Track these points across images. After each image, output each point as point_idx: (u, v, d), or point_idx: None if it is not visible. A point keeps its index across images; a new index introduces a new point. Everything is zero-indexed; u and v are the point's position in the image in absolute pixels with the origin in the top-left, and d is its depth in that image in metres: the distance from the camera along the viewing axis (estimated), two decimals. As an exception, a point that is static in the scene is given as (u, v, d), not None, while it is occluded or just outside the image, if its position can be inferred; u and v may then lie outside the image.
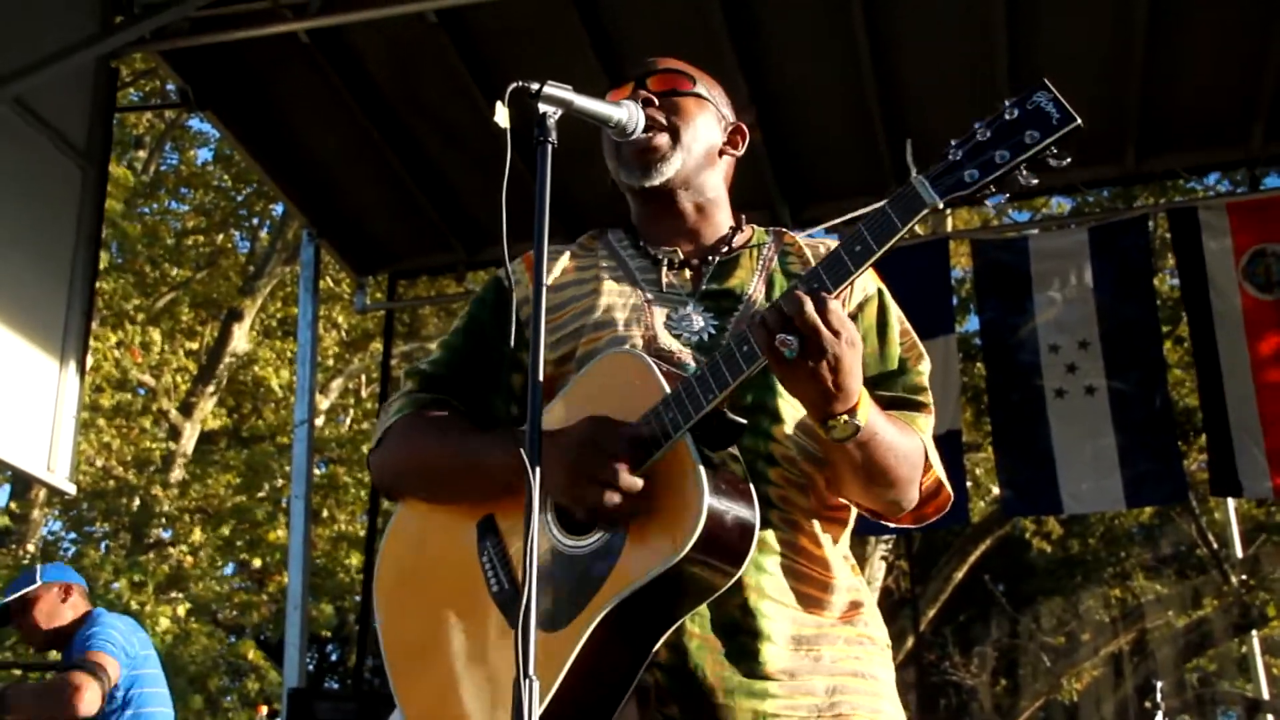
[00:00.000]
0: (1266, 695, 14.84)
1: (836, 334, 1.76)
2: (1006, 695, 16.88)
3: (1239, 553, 15.25)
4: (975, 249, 7.78)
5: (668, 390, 1.89)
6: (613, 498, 1.83)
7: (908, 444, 2.02)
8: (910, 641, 11.58)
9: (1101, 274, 7.13)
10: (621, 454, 1.85)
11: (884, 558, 14.16)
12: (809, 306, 1.75)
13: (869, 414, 1.88)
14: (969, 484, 11.77)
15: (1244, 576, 14.90)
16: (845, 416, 1.84)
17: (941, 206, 1.77)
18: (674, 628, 1.88)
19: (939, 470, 2.12)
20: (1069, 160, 1.74)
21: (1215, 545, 15.62)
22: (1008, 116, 1.75)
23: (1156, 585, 17.42)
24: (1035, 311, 7.23)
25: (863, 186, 1.87)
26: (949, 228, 10.75)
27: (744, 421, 1.91)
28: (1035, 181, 1.75)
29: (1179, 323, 12.68)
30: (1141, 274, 7.35)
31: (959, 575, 15.07)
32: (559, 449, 1.87)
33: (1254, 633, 14.94)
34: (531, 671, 1.61)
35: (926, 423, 2.13)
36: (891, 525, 2.21)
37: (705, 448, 1.86)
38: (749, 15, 6.15)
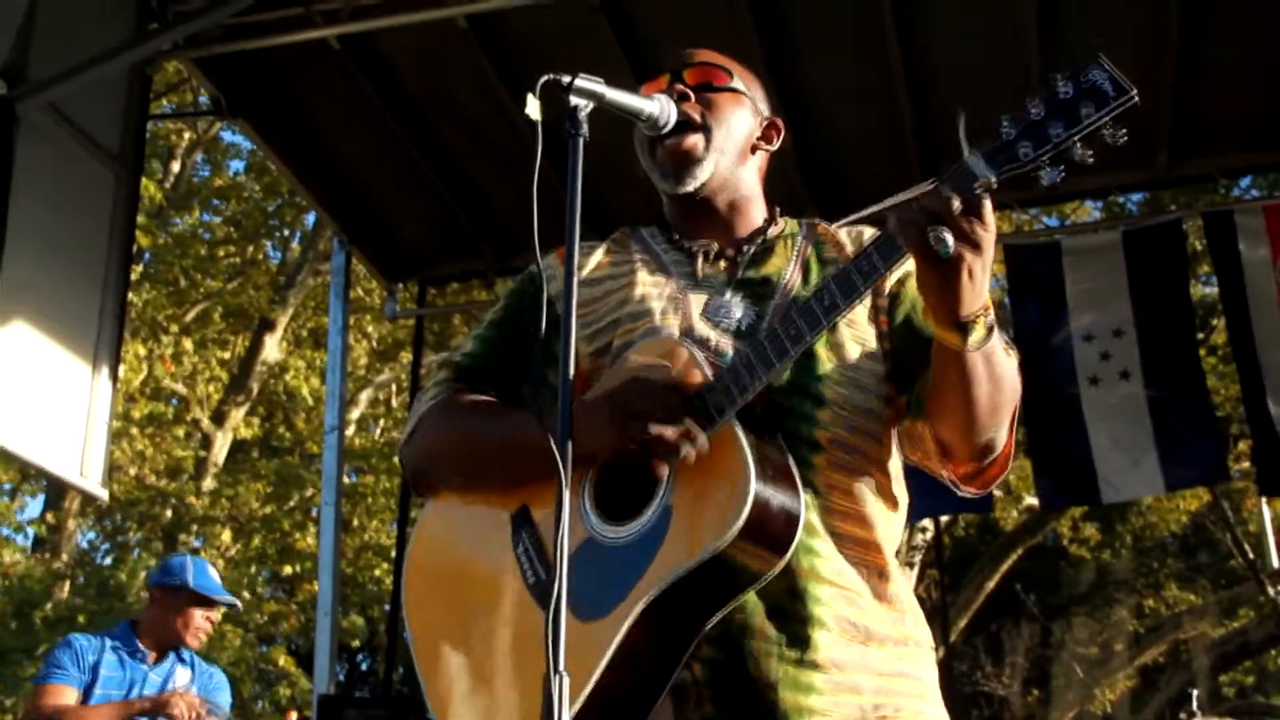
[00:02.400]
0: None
1: (988, 230, 1.72)
2: (1039, 705, 16.76)
3: (1275, 563, 15.12)
4: (1007, 254, 7.73)
5: (709, 373, 1.87)
6: (664, 429, 1.81)
7: (1012, 366, 1.95)
8: (941, 651, 11.53)
9: (1135, 273, 7.07)
10: (664, 393, 1.84)
11: (910, 563, 14.08)
12: (958, 202, 1.69)
13: (993, 319, 1.83)
14: (998, 492, 11.69)
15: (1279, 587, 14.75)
16: (983, 317, 1.79)
17: (995, 184, 1.73)
18: (718, 618, 1.84)
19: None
20: (1125, 135, 1.69)
21: (1251, 555, 15.47)
22: (1061, 93, 1.71)
23: (1191, 595, 17.27)
24: (1069, 308, 7.16)
25: (894, 191, 1.87)
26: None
27: (787, 406, 1.88)
28: (1091, 158, 1.71)
29: (1210, 330, 12.60)
30: (1176, 274, 7.29)
31: (991, 584, 14.98)
32: (596, 408, 1.86)
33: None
34: (562, 667, 1.58)
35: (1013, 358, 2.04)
36: (959, 489, 2.11)
37: (751, 431, 1.84)
38: (779, 18, 6.14)
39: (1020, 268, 7.58)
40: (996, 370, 1.87)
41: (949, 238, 1.69)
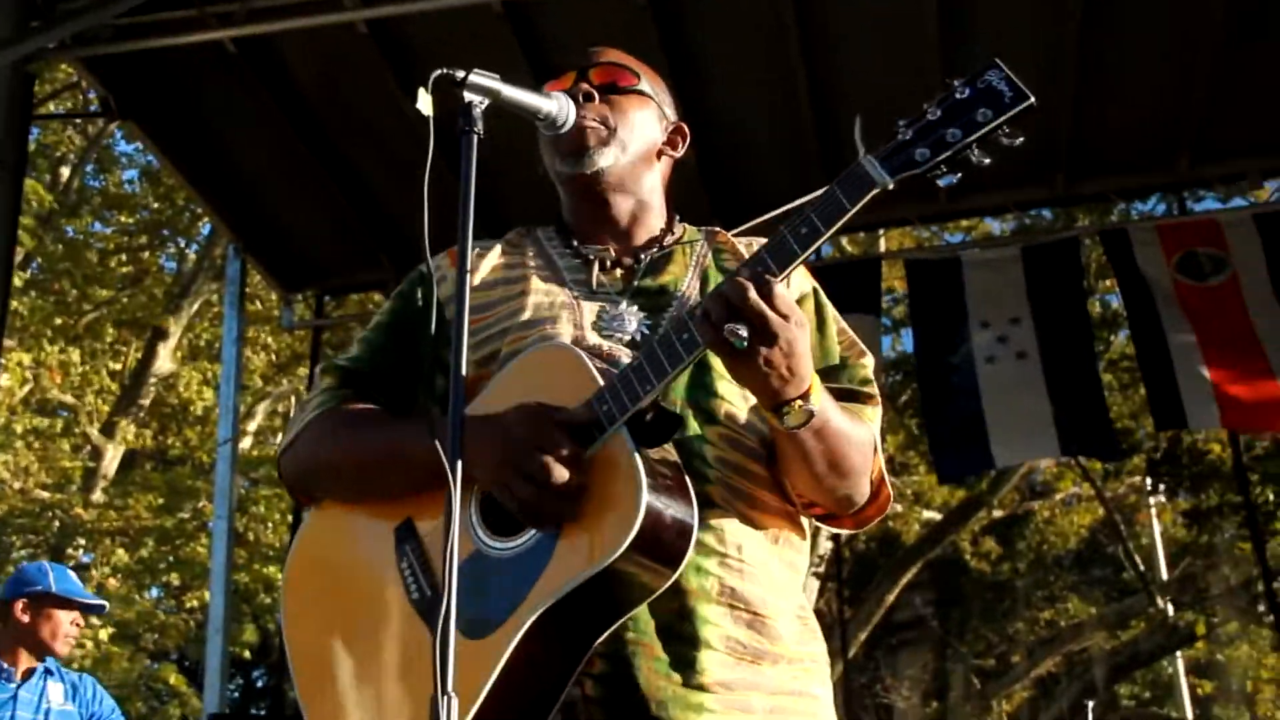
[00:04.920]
0: (1190, 717, 15.08)
1: (785, 317, 1.70)
2: (937, 718, 16.94)
3: (1164, 575, 15.50)
4: (909, 268, 7.81)
5: (601, 383, 1.81)
6: (545, 496, 1.74)
7: (860, 432, 1.95)
8: (841, 664, 11.60)
9: (1034, 282, 7.20)
10: (555, 446, 1.76)
11: (815, 573, 14.15)
12: (753, 292, 1.68)
13: (821, 399, 1.82)
14: (897, 506, 11.79)
15: (1169, 598, 15.09)
16: (799, 402, 1.77)
17: (891, 186, 1.72)
18: (608, 633, 1.78)
19: (882, 464, 2.05)
20: (1020, 140, 1.69)
21: (1143, 568, 15.81)
22: (959, 95, 1.71)
23: (1087, 608, 17.60)
24: (968, 303, 7.26)
25: (796, 199, 1.85)
26: (881, 248, 10.81)
27: (680, 415, 1.83)
28: (987, 161, 1.70)
29: (1108, 346, 12.88)
30: (1073, 285, 7.46)
31: (890, 598, 15.12)
32: (487, 435, 1.77)
33: (1178, 655, 15.16)
34: (451, 688, 1.52)
35: (874, 413, 2.05)
36: (833, 530, 2.12)
37: (641, 444, 1.78)
38: (682, 27, 6.12)
39: (920, 280, 7.66)
40: (831, 444, 1.87)
41: (743, 331, 1.68)
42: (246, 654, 16.73)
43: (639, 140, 2.16)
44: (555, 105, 2.03)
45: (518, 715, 1.75)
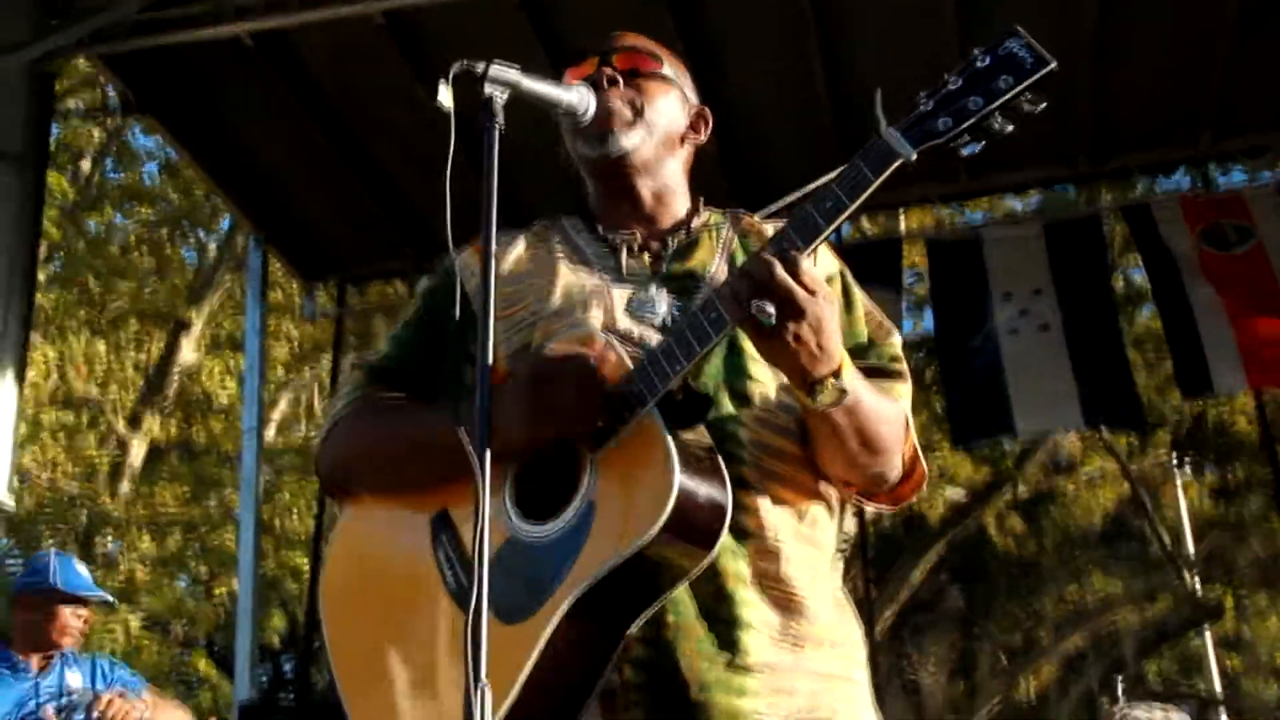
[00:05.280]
0: (1219, 691, 15.01)
1: (813, 293, 1.69)
2: (964, 696, 16.92)
3: (1191, 549, 15.42)
4: (929, 248, 7.77)
5: (630, 366, 1.81)
6: (588, 397, 1.78)
7: (891, 409, 1.95)
8: (867, 644, 11.51)
9: (1056, 258, 7.15)
10: (584, 376, 1.79)
11: (840, 553, 14.13)
12: (780, 268, 1.68)
13: (853, 376, 1.81)
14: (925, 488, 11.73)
15: (1196, 573, 15.03)
16: (831, 380, 1.77)
17: (914, 157, 1.70)
18: (645, 617, 1.78)
19: (915, 441, 2.04)
20: (1043, 105, 1.68)
21: (1169, 543, 15.74)
22: (979, 64, 1.69)
23: (1112, 584, 17.53)
24: (989, 278, 7.21)
25: (813, 179, 1.84)
26: (902, 229, 10.76)
27: (710, 396, 1.83)
28: (1010, 129, 1.69)
29: (1131, 323, 12.81)
30: (1096, 263, 7.43)
31: (916, 577, 15.09)
32: (513, 389, 1.80)
33: (1206, 629, 15.10)
34: (484, 677, 1.52)
35: (905, 389, 2.05)
36: (869, 507, 2.12)
37: (673, 426, 1.77)
38: (698, 15, 6.11)
39: (941, 259, 7.62)
40: (863, 421, 1.86)
41: (770, 308, 1.67)
42: (275, 641, 16.80)
43: (664, 124, 2.15)
44: (576, 96, 2.02)
45: (556, 701, 1.76)
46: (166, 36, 6.10)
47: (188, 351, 16.50)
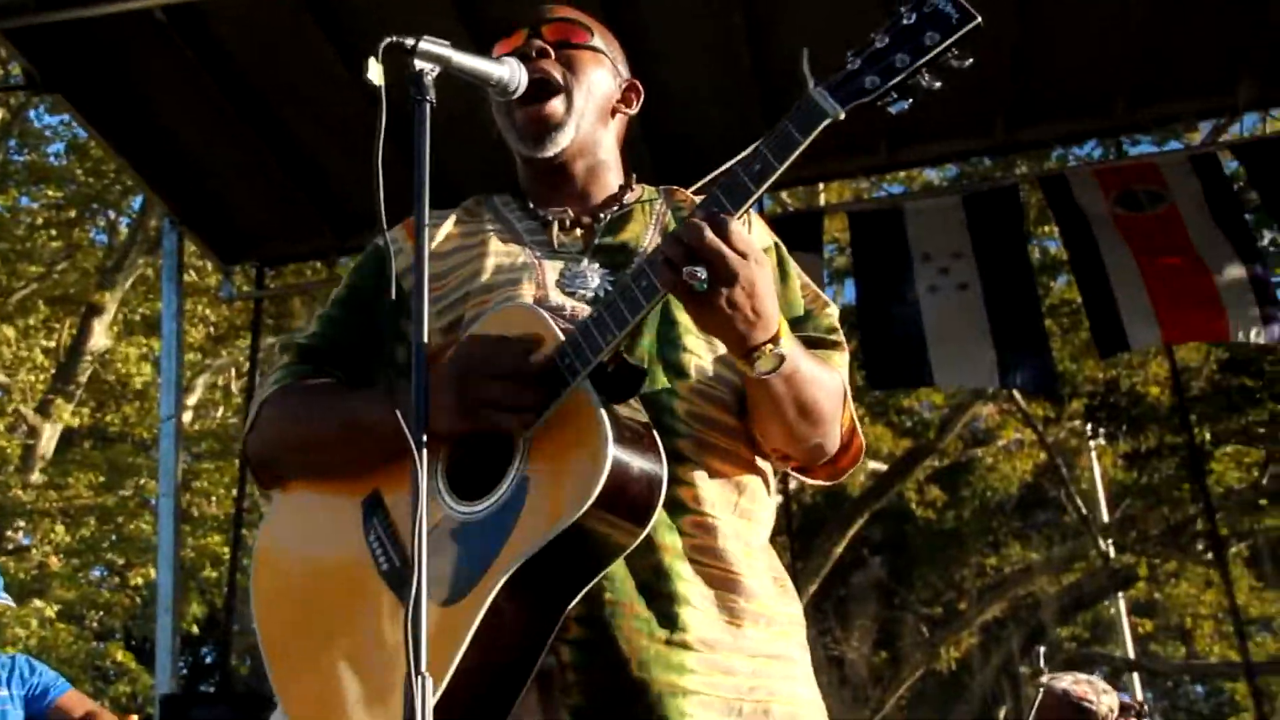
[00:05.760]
0: (1132, 655, 15.36)
1: (744, 255, 1.67)
2: (886, 667, 17.16)
3: (1105, 517, 15.74)
4: (851, 220, 7.82)
5: (562, 338, 1.78)
6: (512, 391, 1.74)
7: (830, 378, 1.94)
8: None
9: (975, 227, 7.24)
10: (518, 349, 1.76)
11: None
12: (709, 231, 1.66)
13: (791, 343, 1.80)
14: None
15: (1111, 540, 15.34)
16: (769, 345, 1.75)
17: (843, 116, 1.68)
18: (582, 594, 1.76)
19: (853, 413, 2.04)
20: (970, 61, 1.67)
21: (1084, 511, 16.04)
22: (905, 21, 1.67)
23: (1030, 553, 17.85)
24: (909, 243, 7.27)
25: (736, 147, 1.83)
26: (822, 202, 10.82)
27: (644, 367, 1.81)
28: (939, 85, 1.68)
29: (1047, 291, 13.02)
30: (1014, 230, 7.51)
31: (839, 550, 15.25)
32: (444, 374, 1.76)
33: (1119, 595, 15.43)
34: (425, 668, 1.49)
35: (842, 360, 2.05)
36: (809, 480, 2.11)
37: (607, 398, 1.75)
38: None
39: (863, 230, 7.68)
40: (801, 390, 1.85)
41: (701, 273, 1.65)
42: (194, 629, 16.61)
43: (595, 100, 2.13)
44: (507, 71, 1.98)
45: (493, 682, 1.73)
46: (74, 11, 5.91)
47: (100, 336, 16.17)
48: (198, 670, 19.96)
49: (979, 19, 1.65)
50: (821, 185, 10.66)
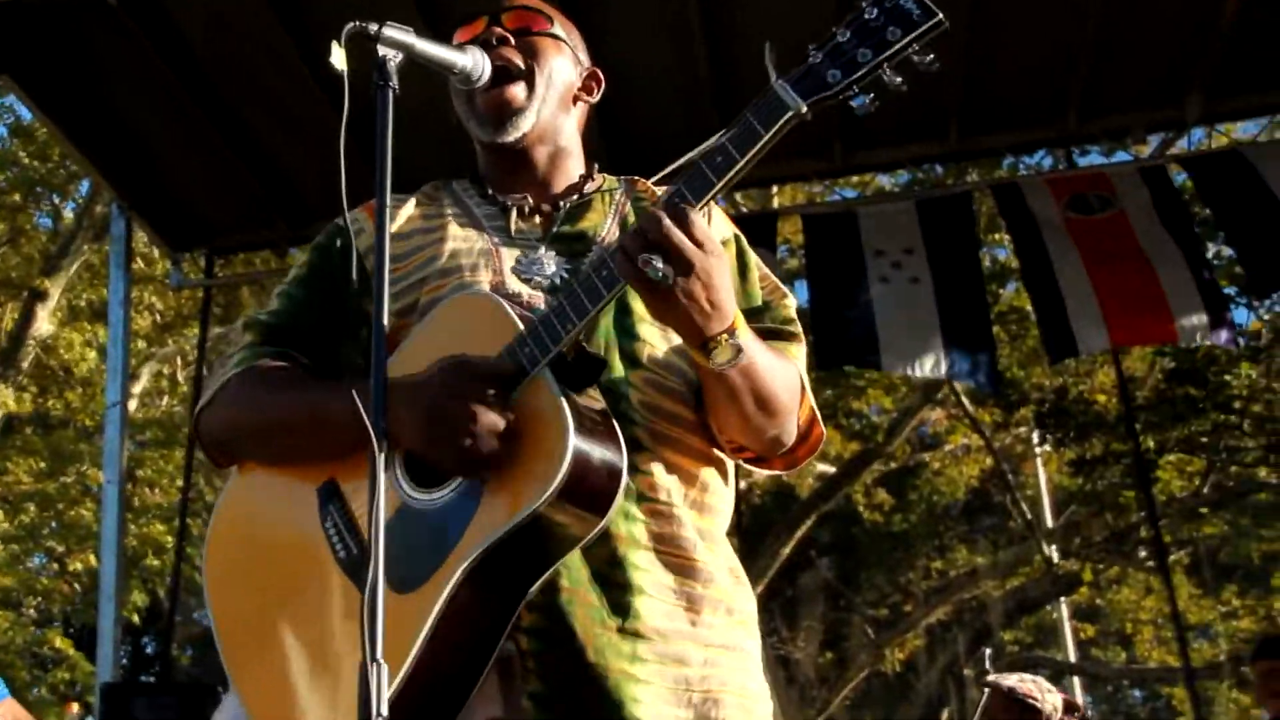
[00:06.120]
0: (1074, 659, 15.53)
1: (701, 246, 1.68)
2: (832, 667, 17.23)
3: (1049, 522, 15.89)
4: (805, 223, 7.85)
5: (522, 328, 1.79)
6: (481, 443, 1.71)
7: (787, 370, 1.95)
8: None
9: (928, 231, 7.28)
10: (480, 393, 1.73)
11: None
12: (669, 221, 1.67)
13: (747, 336, 1.81)
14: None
15: (1055, 545, 15.49)
16: (725, 336, 1.76)
17: (805, 110, 1.70)
18: (540, 582, 1.76)
19: (813, 403, 2.05)
20: (932, 59, 1.69)
21: (1029, 516, 16.19)
22: (868, 16, 1.69)
23: (976, 557, 17.99)
24: (862, 241, 7.30)
25: (692, 139, 1.85)
26: (775, 205, 10.85)
27: (603, 357, 1.81)
28: (900, 80, 1.69)
29: (996, 299, 13.12)
30: (966, 236, 7.57)
31: (786, 550, 15.30)
32: (409, 397, 1.74)
33: (1062, 600, 15.59)
34: (380, 656, 1.48)
35: (799, 351, 2.06)
36: (764, 473, 2.13)
37: (566, 387, 1.76)
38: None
39: (817, 233, 7.70)
40: (758, 382, 1.86)
41: (659, 262, 1.66)
42: (135, 619, 16.44)
43: (556, 88, 2.13)
44: (470, 60, 1.98)
45: (452, 670, 1.73)
46: (22, -9, 5.85)
47: (44, 322, 15.96)
48: (139, 660, 19.76)
49: (941, 17, 1.68)
50: (775, 188, 10.70)
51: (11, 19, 6.14)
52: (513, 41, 2.09)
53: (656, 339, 1.97)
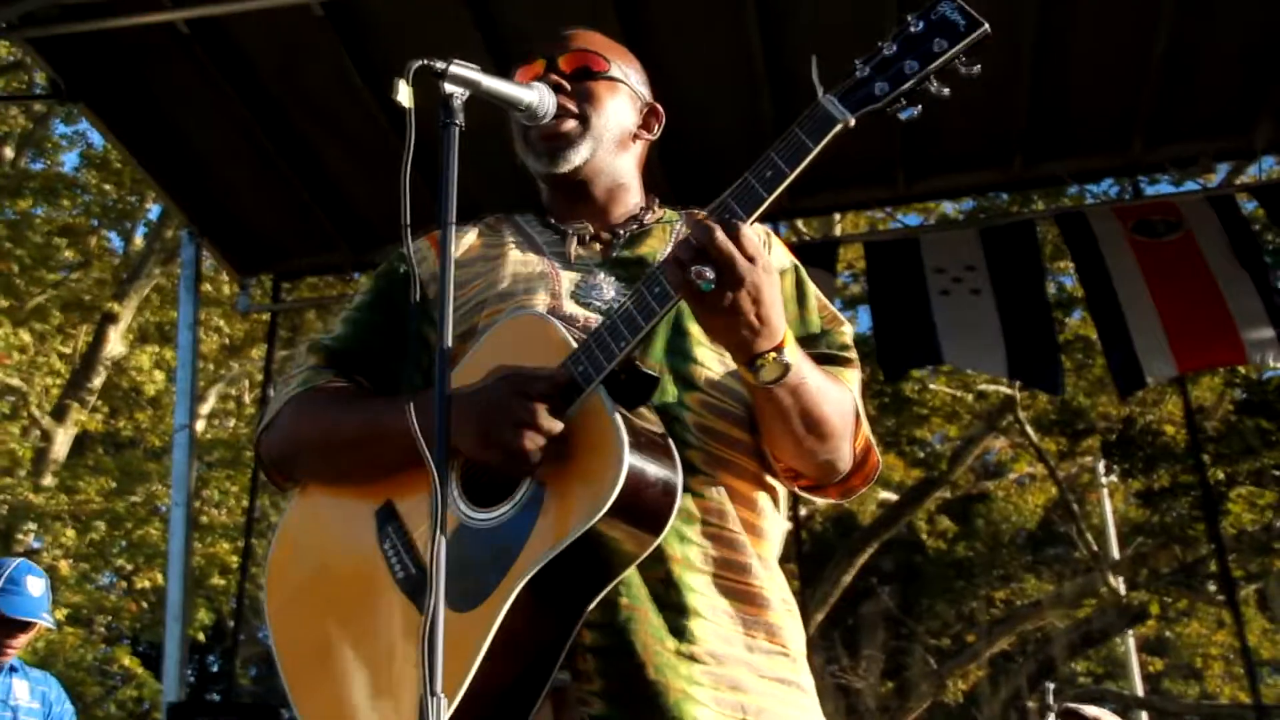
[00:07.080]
0: (1142, 693, 15.27)
1: (752, 260, 1.68)
2: (893, 697, 17.05)
3: (1116, 554, 15.66)
4: (867, 250, 7.82)
5: (575, 346, 1.79)
6: (533, 439, 1.72)
7: (838, 393, 1.93)
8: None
9: (992, 260, 7.23)
10: (535, 394, 1.74)
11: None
12: (719, 233, 1.67)
13: (796, 355, 1.80)
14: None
15: (1122, 577, 15.26)
16: (773, 354, 1.76)
17: (853, 123, 1.71)
18: (597, 600, 1.76)
19: (868, 431, 2.03)
20: (978, 68, 1.68)
21: (1095, 547, 15.96)
22: (913, 29, 1.70)
23: (1041, 587, 17.75)
24: (925, 263, 7.27)
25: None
26: (838, 232, 10.83)
27: (657, 374, 1.81)
28: (947, 92, 1.69)
29: (1062, 327, 12.99)
30: (1031, 263, 7.51)
31: (847, 578, 15.18)
32: (466, 403, 1.75)
33: (1129, 632, 15.34)
34: (439, 689, 1.49)
35: (854, 376, 2.04)
36: (819, 500, 2.11)
37: (620, 401, 1.76)
38: (640, 3, 6.04)
39: (879, 260, 7.67)
40: (808, 403, 1.84)
41: (709, 273, 1.66)
42: (201, 636, 16.62)
43: (613, 129, 2.13)
44: (536, 96, 2.00)
45: (511, 688, 1.73)
46: (99, 22, 5.96)
47: (115, 343, 16.24)
48: (204, 678, 19.97)
49: (986, 26, 1.68)
50: (838, 216, 10.67)
51: (87, 49, 6.27)
52: (569, 89, 2.09)
53: (712, 362, 1.97)
